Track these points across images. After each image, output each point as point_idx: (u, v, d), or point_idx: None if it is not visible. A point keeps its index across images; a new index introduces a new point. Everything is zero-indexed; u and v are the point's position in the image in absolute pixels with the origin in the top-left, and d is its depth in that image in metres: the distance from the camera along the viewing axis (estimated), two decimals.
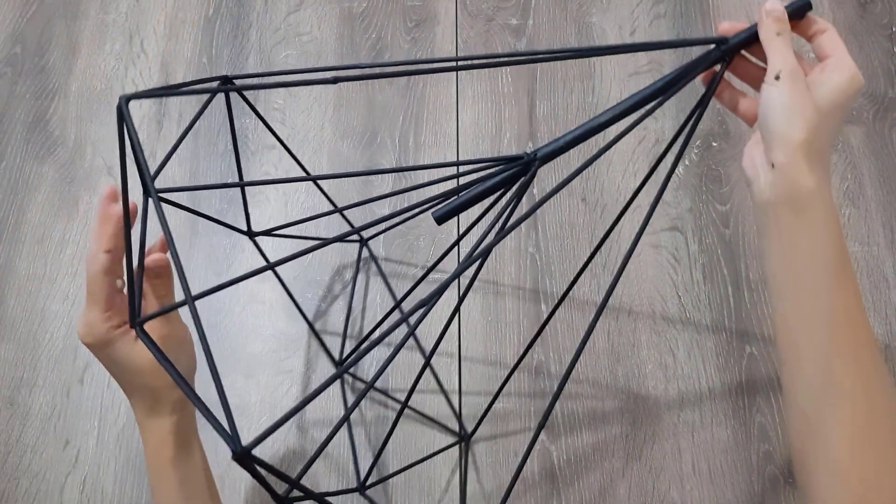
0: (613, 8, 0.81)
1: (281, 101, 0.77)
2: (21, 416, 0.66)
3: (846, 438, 0.38)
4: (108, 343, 0.45)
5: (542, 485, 0.62)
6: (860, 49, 0.77)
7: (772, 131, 0.41)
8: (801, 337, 0.40)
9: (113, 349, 0.45)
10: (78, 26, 0.82)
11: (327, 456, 0.63)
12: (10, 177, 0.75)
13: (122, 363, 0.45)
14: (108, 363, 0.46)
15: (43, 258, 0.71)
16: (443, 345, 0.67)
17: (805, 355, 0.40)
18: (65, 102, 0.79)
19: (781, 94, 0.41)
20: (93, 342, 0.45)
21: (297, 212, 0.73)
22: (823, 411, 0.39)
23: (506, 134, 0.75)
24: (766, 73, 0.43)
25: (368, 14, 0.81)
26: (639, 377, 0.65)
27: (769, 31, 0.44)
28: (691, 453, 0.62)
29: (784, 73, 0.42)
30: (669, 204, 0.71)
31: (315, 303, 0.69)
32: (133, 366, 0.45)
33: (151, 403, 0.47)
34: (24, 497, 0.63)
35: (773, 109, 0.41)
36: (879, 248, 0.69)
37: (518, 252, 0.70)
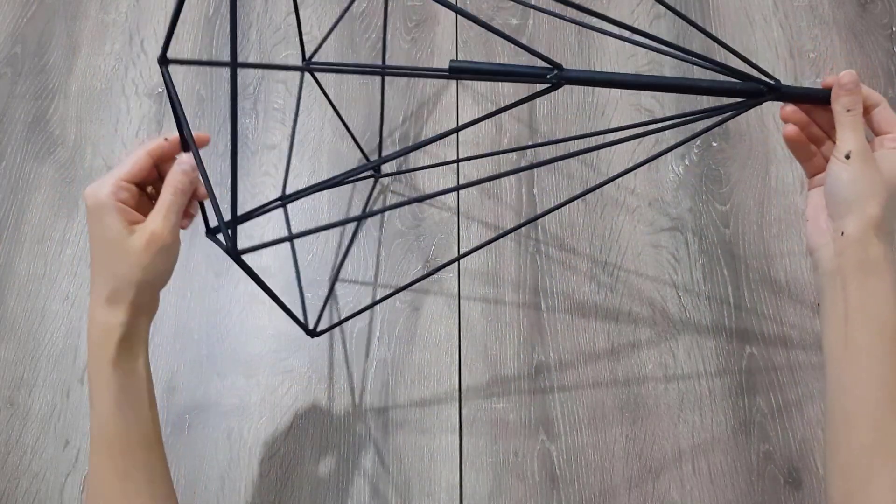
0: (613, 8, 0.80)
1: (281, 101, 0.77)
2: (21, 416, 0.66)
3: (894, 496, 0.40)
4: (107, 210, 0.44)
5: (542, 485, 0.62)
6: (860, 49, 0.77)
7: (845, 205, 0.44)
8: (857, 398, 0.42)
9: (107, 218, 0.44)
10: (78, 26, 0.82)
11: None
12: (10, 177, 0.75)
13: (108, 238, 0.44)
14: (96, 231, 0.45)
15: (43, 258, 0.71)
16: (443, 344, 0.67)
17: (859, 416, 0.42)
18: (65, 102, 0.79)
19: (853, 173, 0.44)
20: (93, 203, 0.44)
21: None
22: (873, 470, 0.41)
23: (506, 134, 0.75)
24: (836, 147, 0.45)
25: (368, 14, 0.81)
26: (639, 377, 0.65)
27: (842, 105, 0.45)
28: (691, 453, 0.62)
29: (855, 153, 0.44)
30: (669, 204, 0.71)
31: (314, 302, 0.69)
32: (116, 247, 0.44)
33: (111, 293, 0.45)
34: (24, 497, 0.63)
35: (845, 186, 0.44)
36: None
37: (518, 252, 0.70)
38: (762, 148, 0.73)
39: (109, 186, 0.44)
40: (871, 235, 0.43)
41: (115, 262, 0.45)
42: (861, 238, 0.43)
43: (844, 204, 0.44)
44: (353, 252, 0.70)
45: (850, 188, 0.44)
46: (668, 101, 0.76)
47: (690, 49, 0.45)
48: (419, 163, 0.74)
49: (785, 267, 0.69)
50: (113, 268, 0.45)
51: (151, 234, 0.44)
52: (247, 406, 0.65)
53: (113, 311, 0.45)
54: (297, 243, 0.71)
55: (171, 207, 0.45)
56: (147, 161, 0.46)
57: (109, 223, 0.44)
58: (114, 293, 0.45)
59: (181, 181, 0.46)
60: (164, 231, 0.45)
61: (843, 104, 0.45)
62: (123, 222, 0.44)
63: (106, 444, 0.45)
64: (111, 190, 0.44)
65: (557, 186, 0.72)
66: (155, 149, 0.47)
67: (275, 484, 0.63)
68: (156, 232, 0.44)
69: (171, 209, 0.45)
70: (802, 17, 0.79)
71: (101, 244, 0.45)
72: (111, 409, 0.45)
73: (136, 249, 0.44)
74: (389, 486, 0.62)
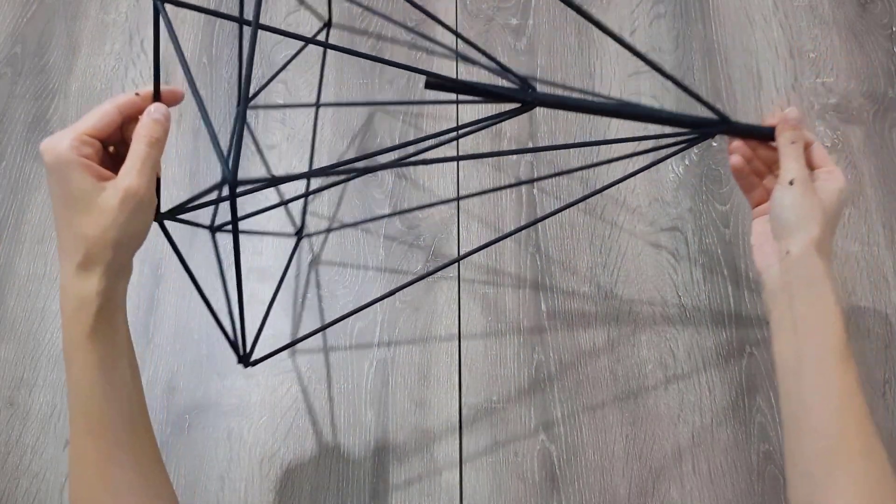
0: (613, 8, 0.81)
1: (280, 101, 0.77)
2: (21, 416, 0.66)
3: (852, 495, 0.42)
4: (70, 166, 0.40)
5: (542, 485, 0.62)
6: (860, 49, 0.77)
7: (788, 227, 0.49)
8: (811, 406, 0.45)
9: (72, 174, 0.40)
10: (78, 26, 0.82)
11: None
12: (10, 177, 0.75)
13: (75, 197, 0.40)
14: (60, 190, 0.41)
15: (43, 258, 0.71)
16: (443, 344, 0.67)
17: (816, 420, 0.44)
18: (65, 102, 0.79)
19: (796, 197, 0.49)
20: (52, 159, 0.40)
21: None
22: (833, 472, 0.43)
23: (506, 134, 0.75)
24: (781, 175, 0.50)
25: (368, 14, 0.81)
26: (639, 377, 0.65)
27: (786, 139, 0.51)
28: (691, 453, 0.62)
29: (798, 179, 0.49)
30: (669, 204, 0.71)
31: (314, 301, 0.69)
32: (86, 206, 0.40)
33: (84, 258, 0.41)
34: (24, 497, 0.63)
35: (789, 210, 0.49)
36: (879, 248, 0.69)
37: (518, 252, 0.70)
38: None
39: (69, 140, 0.40)
40: (814, 253, 0.47)
41: (85, 222, 0.40)
42: (805, 256, 0.47)
43: (788, 226, 0.49)
44: (353, 250, 0.70)
45: (794, 211, 0.49)
46: (669, 101, 0.76)
47: (690, 49, 0.45)
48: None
49: None
50: (84, 229, 0.40)
51: (126, 190, 0.40)
52: (247, 406, 0.65)
53: (87, 279, 0.41)
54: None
55: (145, 160, 0.41)
56: (115, 116, 0.42)
57: (75, 180, 0.40)
58: (87, 258, 0.41)
59: (155, 130, 0.42)
60: (141, 186, 0.40)
61: (788, 137, 0.51)
62: (91, 178, 0.40)
63: (87, 425, 0.42)
64: (71, 144, 0.40)
65: (557, 186, 0.72)
66: (125, 104, 0.43)
67: (275, 484, 0.63)
68: (131, 187, 0.40)
69: (145, 162, 0.41)
70: (802, 17, 0.79)
71: (67, 204, 0.41)
72: (91, 385, 0.42)
73: (109, 207, 0.40)
74: (389, 487, 0.62)
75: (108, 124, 0.42)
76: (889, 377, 0.64)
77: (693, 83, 0.76)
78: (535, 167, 0.73)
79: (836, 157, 0.72)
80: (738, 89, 0.76)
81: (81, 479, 0.43)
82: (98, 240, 0.40)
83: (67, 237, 0.41)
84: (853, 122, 0.74)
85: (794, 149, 0.51)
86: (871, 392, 0.63)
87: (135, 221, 0.41)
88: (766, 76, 0.76)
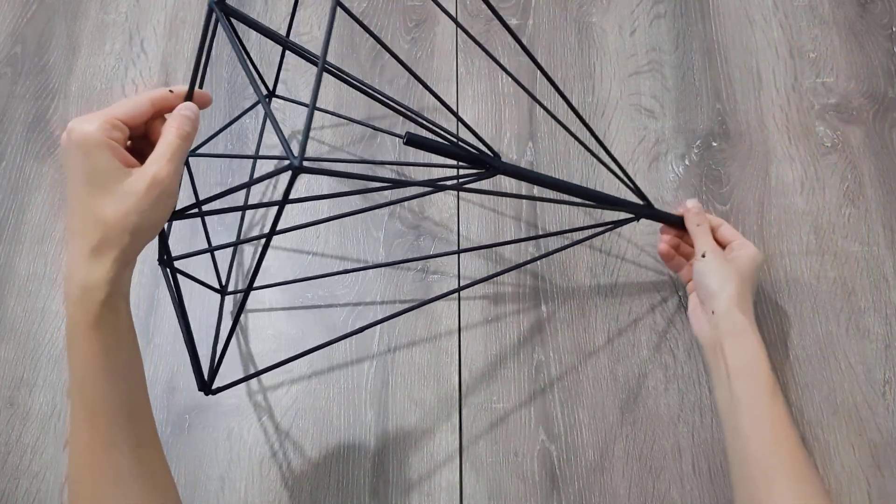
0: (613, 8, 0.81)
1: (281, 101, 0.77)
2: (21, 416, 0.66)
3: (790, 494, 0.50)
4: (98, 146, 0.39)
5: (542, 485, 0.62)
6: (860, 49, 0.77)
7: (710, 291, 0.58)
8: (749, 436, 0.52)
9: (99, 155, 0.39)
10: (78, 26, 0.82)
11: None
12: (10, 177, 0.75)
13: (98, 178, 0.40)
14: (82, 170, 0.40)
15: (43, 258, 0.71)
16: (443, 344, 0.67)
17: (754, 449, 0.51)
18: (65, 102, 0.79)
19: (710, 265, 0.59)
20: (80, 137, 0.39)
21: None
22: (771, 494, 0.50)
23: (506, 134, 0.75)
24: (696, 251, 0.61)
25: (368, 14, 0.81)
26: (639, 377, 0.65)
27: (692, 223, 0.63)
28: (691, 453, 0.62)
29: (708, 251, 0.60)
30: (669, 204, 0.71)
31: (314, 301, 0.69)
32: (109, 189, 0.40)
33: (98, 243, 0.40)
34: (24, 497, 0.63)
35: (708, 277, 0.59)
36: (879, 248, 0.69)
37: (518, 252, 0.70)
38: (762, 148, 0.73)
39: (101, 121, 0.40)
40: (735, 309, 0.56)
41: (106, 204, 0.39)
42: (727, 312, 0.56)
43: (710, 291, 0.58)
44: (354, 250, 0.70)
45: (712, 277, 0.58)
46: (668, 102, 0.76)
47: (690, 49, 0.45)
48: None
49: (785, 267, 0.69)
50: (104, 211, 0.40)
51: (154, 178, 0.40)
52: (247, 406, 0.65)
53: (98, 266, 0.40)
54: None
55: (175, 151, 0.41)
56: (147, 108, 0.42)
57: (102, 161, 0.39)
58: (102, 242, 0.40)
59: (186, 124, 0.42)
60: (168, 175, 0.40)
61: (693, 221, 0.63)
62: (118, 161, 0.40)
63: (88, 414, 0.42)
64: (102, 125, 0.40)
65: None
66: (158, 98, 0.43)
67: (275, 484, 0.63)
68: (159, 175, 0.40)
69: (175, 153, 0.41)
70: (802, 17, 0.79)
71: (87, 185, 0.40)
72: (92, 373, 0.41)
73: (134, 191, 0.39)
74: (389, 486, 0.62)
75: (139, 114, 0.42)
76: (889, 377, 0.64)
77: (693, 83, 0.76)
78: (535, 168, 0.74)
79: (836, 156, 0.72)
80: (738, 89, 0.76)
81: (80, 463, 0.42)
82: (118, 224, 0.40)
83: (83, 219, 0.40)
84: (853, 122, 0.74)
85: (702, 230, 0.62)
86: (871, 392, 0.63)
87: (157, 209, 0.41)
88: (766, 76, 0.76)
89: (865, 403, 0.63)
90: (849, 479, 0.61)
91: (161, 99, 0.43)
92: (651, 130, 0.75)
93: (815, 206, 0.71)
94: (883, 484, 0.61)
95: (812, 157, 0.73)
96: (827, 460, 0.62)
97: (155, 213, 0.40)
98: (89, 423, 0.42)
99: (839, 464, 0.61)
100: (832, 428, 0.63)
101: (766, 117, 0.75)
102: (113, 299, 0.41)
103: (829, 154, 0.73)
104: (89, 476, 0.42)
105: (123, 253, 0.40)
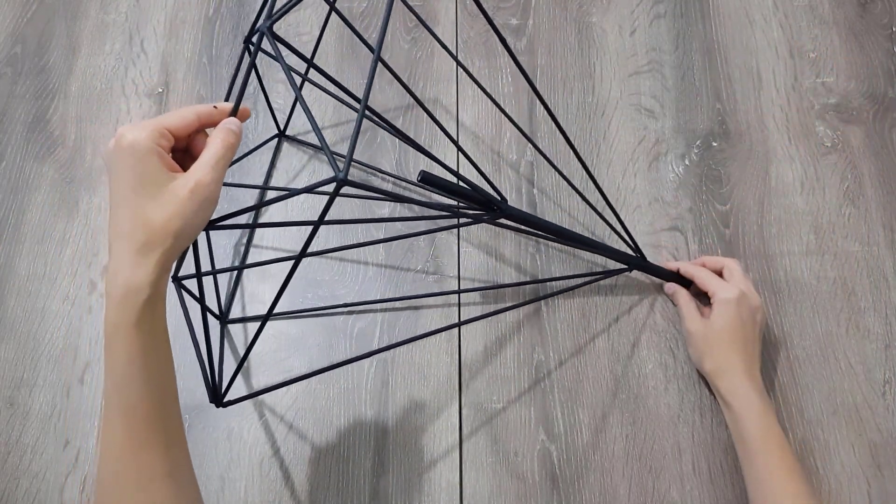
0: (614, 8, 0.81)
1: (281, 101, 0.77)
2: (21, 416, 0.66)
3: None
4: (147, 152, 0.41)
5: (542, 485, 0.62)
6: (860, 49, 0.77)
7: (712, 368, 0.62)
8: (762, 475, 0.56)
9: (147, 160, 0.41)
10: (78, 26, 0.82)
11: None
12: (10, 177, 0.75)
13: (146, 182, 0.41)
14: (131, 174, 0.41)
15: (43, 258, 0.71)
16: (443, 344, 0.67)
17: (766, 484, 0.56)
18: (65, 102, 0.79)
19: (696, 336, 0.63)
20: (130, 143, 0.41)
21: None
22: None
23: (505, 134, 0.75)
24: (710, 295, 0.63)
25: (368, 14, 0.81)
26: (639, 377, 0.65)
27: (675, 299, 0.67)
28: (691, 453, 0.62)
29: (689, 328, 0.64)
30: (669, 204, 0.71)
31: (314, 302, 0.69)
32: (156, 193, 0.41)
33: (143, 245, 0.41)
34: (25, 497, 0.63)
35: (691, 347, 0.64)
36: (879, 248, 0.69)
37: (518, 252, 0.70)
38: (762, 148, 0.73)
39: (150, 129, 0.42)
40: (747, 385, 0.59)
41: (152, 208, 0.41)
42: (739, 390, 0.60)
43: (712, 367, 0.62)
44: (354, 249, 0.70)
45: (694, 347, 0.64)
46: (668, 102, 0.76)
47: (690, 49, 0.45)
48: (418, 162, 0.74)
49: (785, 267, 0.69)
50: (149, 215, 0.41)
51: (197, 183, 0.41)
52: (247, 406, 0.65)
53: (142, 267, 0.41)
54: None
55: (220, 160, 0.43)
56: (193, 120, 0.44)
57: (150, 166, 0.41)
58: (147, 244, 0.41)
59: (232, 137, 0.44)
60: (212, 181, 0.42)
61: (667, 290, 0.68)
62: (165, 167, 0.42)
63: (124, 414, 0.43)
64: (151, 133, 0.42)
65: (558, 187, 0.72)
66: (204, 112, 0.45)
67: (275, 484, 0.63)
68: (202, 181, 0.41)
69: (220, 161, 0.43)
70: (802, 17, 0.79)
71: (135, 189, 0.41)
72: (131, 373, 0.42)
73: (180, 196, 0.41)
74: (389, 486, 0.62)
75: (186, 125, 0.44)
76: (889, 377, 0.64)
77: (693, 83, 0.76)
78: (536, 167, 0.74)
79: (836, 157, 0.72)
80: (738, 89, 0.76)
81: (113, 463, 0.43)
82: (162, 226, 0.41)
83: (129, 221, 0.42)
84: (853, 122, 0.74)
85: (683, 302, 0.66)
86: (871, 392, 0.63)
87: (199, 214, 0.42)
88: (766, 76, 0.76)
89: (865, 403, 0.63)
90: (849, 479, 0.61)
91: (206, 113, 0.45)
92: (651, 130, 0.75)
93: (815, 206, 0.71)
94: (883, 484, 0.61)
95: (812, 157, 0.73)
96: (827, 460, 0.62)
97: (197, 217, 0.42)
98: (125, 424, 0.43)
99: (839, 464, 0.61)
100: (832, 428, 0.63)
101: (766, 117, 0.75)
102: (154, 300, 0.42)
103: (829, 154, 0.73)
104: (123, 476, 0.43)
105: (165, 255, 0.42)
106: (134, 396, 0.43)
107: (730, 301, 0.61)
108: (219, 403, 0.54)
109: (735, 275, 0.63)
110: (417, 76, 0.78)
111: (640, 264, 0.65)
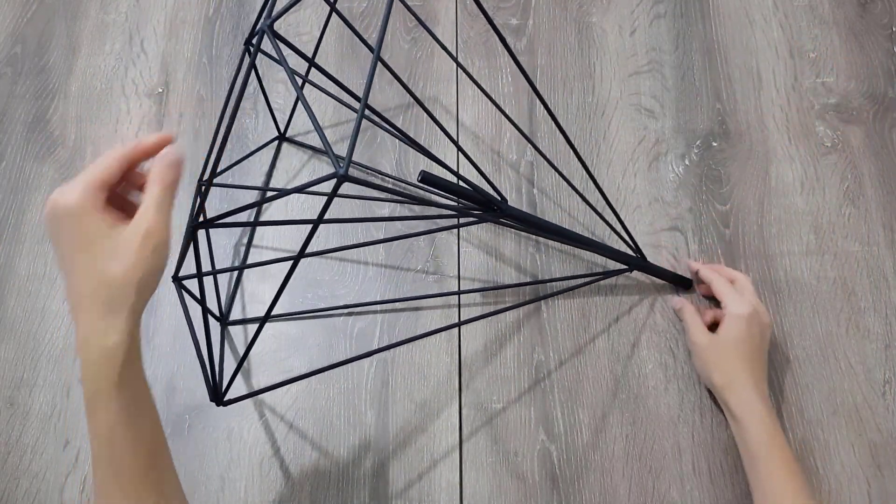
0: (614, 8, 0.81)
1: (281, 101, 0.77)
2: (21, 416, 0.66)
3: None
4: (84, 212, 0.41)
5: (542, 485, 0.62)
6: (860, 49, 0.77)
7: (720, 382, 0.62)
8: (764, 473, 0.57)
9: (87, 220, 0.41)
10: (78, 26, 0.82)
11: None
12: (10, 177, 0.75)
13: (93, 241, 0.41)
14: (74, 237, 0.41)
15: (43, 258, 0.71)
16: (443, 344, 0.67)
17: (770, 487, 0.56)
18: (65, 102, 0.79)
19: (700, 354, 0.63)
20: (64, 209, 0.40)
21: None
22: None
23: (505, 134, 0.75)
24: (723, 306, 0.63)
25: (368, 14, 0.81)
26: (639, 377, 0.65)
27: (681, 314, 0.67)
28: (691, 453, 0.62)
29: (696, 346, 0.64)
30: (669, 204, 0.71)
31: (314, 302, 0.69)
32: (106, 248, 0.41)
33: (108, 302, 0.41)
34: (25, 497, 0.63)
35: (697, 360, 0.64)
36: (879, 248, 0.69)
37: (518, 252, 0.70)
38: (762, 148, 0.73)
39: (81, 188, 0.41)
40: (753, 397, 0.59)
41: (108, 264, 0.41)
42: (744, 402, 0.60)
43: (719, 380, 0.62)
44: (354, 249, 0.70)
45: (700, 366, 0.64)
46: (668, 101, 0.76)
47: (690, 49, 0.45)
48: (419, 162, 0.74)
49: (785, 267, 0.69)
50: (107, 271, 0.41)
51: (147, 231, 0.41)
52: (247, 406, 0.65)
53: (113, 326, 0.41)
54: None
55: (161, 203, 0.42)
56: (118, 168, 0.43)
57: (91, 225, 0.41)
58: (111, 301, 0.41)
59: (169, 175, 0.43)
60: (160, 226, 0.42)
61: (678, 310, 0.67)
62: (107, 222, 0.41)
63: (113, 470, 0.43)
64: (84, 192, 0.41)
65: (558, 187, 0.72)
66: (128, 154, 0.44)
67: (275, 484, 0.63)
68: (151, 228, 0.41)
69: (162, 204, 0.42)
70: (802, 17, 0.79)
71: (84, 250, 0.41)
72: (116, 432, 0.42)
73: (132, 247, 0.41)
74: (389, 487, 0.62)
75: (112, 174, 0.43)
76: (889, 377, 0.64)
77: (693, 83, 0.76)
78: (536, 167, 0.74)
79: (836, 157, 0.72)
80: (738, 89, 0.76)
81: None
82: (122, 281, 0.41)
83: (87, 283, 0.41)
84: (853, 122, 0.74)
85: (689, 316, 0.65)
86: (871, 392, 0.63)
87: (154, 260, 0.42)
88: (766, 76, 0.76)
89: (865, 403, 0.63)
90: (849, 479, 0.61)
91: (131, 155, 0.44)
92: (651, 130, 0.75)
93: (815, 206, 0.71)
94: (883, 484, 0.61)
95: (812, 157, 0.73)
96: (827, 460, 0.62)
97: (155, 264, 0.42)
98: (117, 485, 0.43)
99: (839, 464, 0.61)
100: (832, 428, 0.63)
101: (766, 117, 0.75)
102: (131, 359, 0.42)
103: (829, 154, 0.73)
104: None
105: (132, 310, 0.41)
106: (125, 458, 0.43)
107: (742, 317, 0.61)
108: (219, 402, 0.55)
109: (747, 291, 0.63)
110: (417, 76, 0.78)
111: (641, 264, 0.65)
